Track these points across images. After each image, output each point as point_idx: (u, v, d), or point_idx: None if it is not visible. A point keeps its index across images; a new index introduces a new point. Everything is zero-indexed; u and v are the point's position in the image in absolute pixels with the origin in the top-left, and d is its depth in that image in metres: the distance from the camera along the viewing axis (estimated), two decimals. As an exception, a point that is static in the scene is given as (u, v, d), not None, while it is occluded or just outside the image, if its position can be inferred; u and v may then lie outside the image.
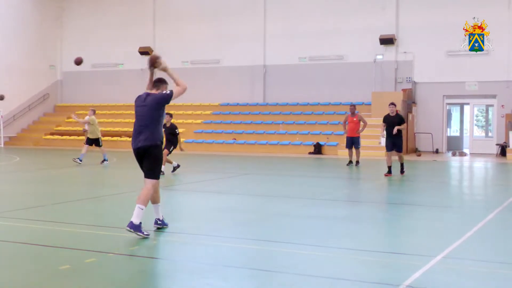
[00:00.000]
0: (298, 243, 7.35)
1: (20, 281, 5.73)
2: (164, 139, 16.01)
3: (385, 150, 16.88)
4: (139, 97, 7.97)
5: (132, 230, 7.39)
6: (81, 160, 19.37)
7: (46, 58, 36.41)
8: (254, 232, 8.31)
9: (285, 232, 8.23)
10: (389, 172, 16.18)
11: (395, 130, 16.03)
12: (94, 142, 20.00)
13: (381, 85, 29.03)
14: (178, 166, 16.83)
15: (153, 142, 7.63)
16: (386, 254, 6.87)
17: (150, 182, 7.64)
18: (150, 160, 7.66)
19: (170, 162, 16.64)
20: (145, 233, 7.48)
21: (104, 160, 19.95)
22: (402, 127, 16.24)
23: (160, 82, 7.97)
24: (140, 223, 7.45)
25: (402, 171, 16.39)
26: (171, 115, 16.46)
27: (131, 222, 7.42)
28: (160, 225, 8.05)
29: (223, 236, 7.79)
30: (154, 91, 7.91)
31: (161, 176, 8.21)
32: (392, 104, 16.64)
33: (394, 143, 16.20)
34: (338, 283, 5.63)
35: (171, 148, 16.55)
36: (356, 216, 9.74)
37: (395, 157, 16.77)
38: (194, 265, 6.29)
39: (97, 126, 20.10)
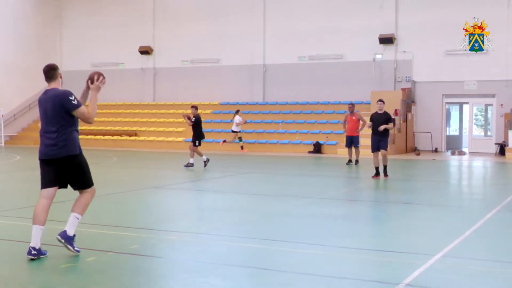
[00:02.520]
0: (297, 242, 7.37)
1: (21, 279, 5.75)
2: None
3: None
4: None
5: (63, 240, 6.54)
6: None
7: (46, 57, 36.21)
8: (253, 231, 8.33)
9: (284, 231, 8.26)
10: (377, 173, 15.30)
11: (381, 128, 15.21)
12: None
13: (380, 84, 29.04)
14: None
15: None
16: (385, 252, 6.89)
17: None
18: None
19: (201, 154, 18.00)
20: (77, 250, 6.61)
21: None
22: (390, 126, 15.42)
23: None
24: (74, 235, 6.65)
25: (385, 174, 15.41)
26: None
27: (65, 230, 6.61)
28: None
29: (222, 235, 7.82)
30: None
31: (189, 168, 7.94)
32: (380, 101, 15.98)
33: (379, 141, 15.34)
34: (338, 282, 5.65)
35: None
36: (356, 215, 9.77)
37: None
38: (194, 264, 6.32)
39: None
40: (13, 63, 33.98)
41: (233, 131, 26.22)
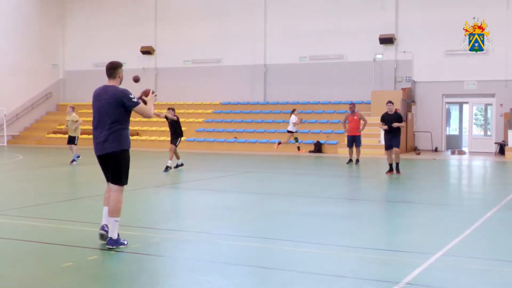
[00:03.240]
0: (298, 240, 7.41)
1: (23, 278, 5.79)
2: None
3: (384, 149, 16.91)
4: None
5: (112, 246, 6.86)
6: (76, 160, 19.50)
7: (48, 57, 36.50)
8: (254, 229, 8.37)
9: (285, 229, 8.30)
10: (391, 169, 16.25)
11: (395, 125, 16.06)
12: (71, 140, 19.88)
13: (381, 84, 29.08)
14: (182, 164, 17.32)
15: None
16: (385, 251, 6.92)
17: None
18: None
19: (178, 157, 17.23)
20: (125, 242, 6.95)
21: (77, 157, 19.68)
22: (402, 124, 16.30)
23: None
24: (118, 234, 6.94)
25: (397, 171, 16.32)
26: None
27: (110, 238, 6.89)
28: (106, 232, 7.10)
29: (223, 234, 7.86)
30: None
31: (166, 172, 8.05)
32: (390, 102, 16.67)
33: (392, 140, 16.17)
34: (338, 281, 5.69)
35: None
36: (356, 214, 9.80)
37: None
38: (195, 263, 6.36)
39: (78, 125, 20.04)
40: (16, 63, 34.05)
41: (288, 131, 24.54)
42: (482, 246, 7.39)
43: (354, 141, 20.09)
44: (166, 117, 16.95)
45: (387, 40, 28.68)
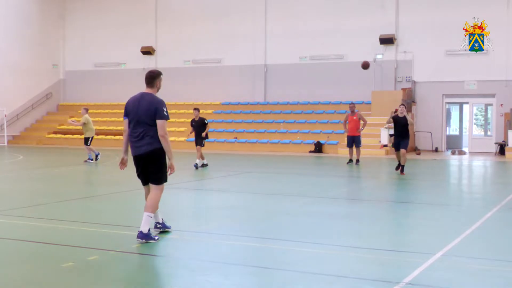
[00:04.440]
0: (298, 240, 7.41)
1: (23, 278, 5.80)
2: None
3: (393, 149, 17.43)
4: None
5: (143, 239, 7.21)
6: (91, 159, 19.98)
7: (49, 57, 36.52)
8: (255, 229, 8.37)
9: (285, 229, 8.30)
10: (399, 165, 16.57)
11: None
12: (85, 140, 20.13)
13: (381, 84, 29.09)
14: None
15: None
16: (386, 251, 6.92)
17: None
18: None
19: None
20: (156, 238, 7.33)
21: (89, 159, 20.04)
22: (411, 128, 16.85)
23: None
24: (149, 229, 7.29)
25: (402, 171, 16.41)
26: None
27: (140, 231, 7.25)
28: (161, 228, 7.83)
29: (224, 234, 7.87)
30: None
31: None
32: (403, 105, 16.95)
33: (400, 142, 16.49)
34: (338, 281, 5.69)
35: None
36: (356, 214, 9.80)
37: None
38: (195, 263, 6.37)
39: (91, 125, 20.28)
40: (16, 63, 34.09)
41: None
42: (482, 246, 7.39)
43: (354, 141, 20.09)
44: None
45: (387, 40, 28.69)
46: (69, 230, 8.16)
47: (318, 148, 26.77)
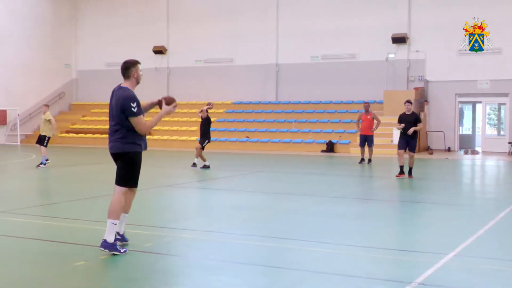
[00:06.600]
0: (309, 240, 7.41)
1: (36, 276, 5.84)
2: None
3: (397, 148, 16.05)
4: None
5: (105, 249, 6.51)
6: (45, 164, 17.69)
7: (61, 57, 36.74)
8: (265, 229, 8.37)
9: (296, 229, 8.29)
10: (402, 172, 15.38)
11: (411, 131, 15.17)
12: (41, 140, 18.04)
13: (393, 83, 28.98)
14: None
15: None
16: (397, 251, 6.91)
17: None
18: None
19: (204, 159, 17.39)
20: (122, 250, 6.56)
21: (42, 163, 17.69)
22: (418, 127, 15.39)
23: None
24: (115, 239, 6.66)
25: (410, 174, 15.40)
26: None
27: (104, 240, 6.56)
28: (120, 240, 6.90)
29: (235, 234, 7.88)
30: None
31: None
32: (408, 102, 15.73)
33: (408, 142, 15.36)
34: (349, 280, 5.68)
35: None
36: (368, 214, 9.77)
37: (406, 155, 16.22)
38: (207, 262, 6.38)
39: (52, 124, 18.32)
40: (29, 63, 34.33)
41: None
42: (494, 246, 7.35)
43: (366, 140, 19.99)
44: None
45: (399, 39, 28.58)
46: (81, 229, 8.20)
47: (330, 147, 26.72)
